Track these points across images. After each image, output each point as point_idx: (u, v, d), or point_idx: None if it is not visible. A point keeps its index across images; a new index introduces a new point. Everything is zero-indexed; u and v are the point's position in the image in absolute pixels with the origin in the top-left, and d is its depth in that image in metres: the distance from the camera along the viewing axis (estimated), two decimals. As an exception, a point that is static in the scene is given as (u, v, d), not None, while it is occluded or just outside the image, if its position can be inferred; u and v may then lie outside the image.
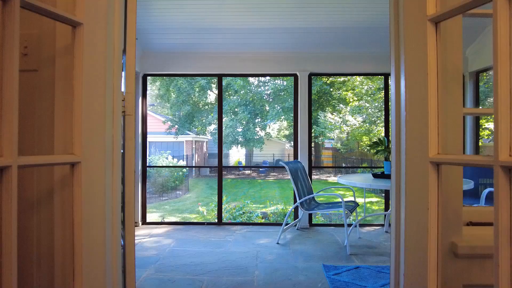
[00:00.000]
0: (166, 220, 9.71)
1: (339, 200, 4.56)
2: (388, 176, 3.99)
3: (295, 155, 5.03)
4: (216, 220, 5.10)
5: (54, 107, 1.15)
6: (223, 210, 7.09)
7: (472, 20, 4.38)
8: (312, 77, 5.02)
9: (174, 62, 4.97)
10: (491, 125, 6.34)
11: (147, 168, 5.40)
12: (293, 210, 4.63)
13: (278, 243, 4.13)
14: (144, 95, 5.03)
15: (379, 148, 4.35)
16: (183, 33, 4.51)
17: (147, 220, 5.13)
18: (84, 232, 1.07)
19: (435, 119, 1.02)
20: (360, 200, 4.65)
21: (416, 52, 1.07)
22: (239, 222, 5.37)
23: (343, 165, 22.00)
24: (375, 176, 4.11)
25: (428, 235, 1.01)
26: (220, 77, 5.02)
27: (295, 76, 5.00)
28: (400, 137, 1.26)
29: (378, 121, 15.32)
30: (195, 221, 9.31)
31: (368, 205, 11.25)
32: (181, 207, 12.25)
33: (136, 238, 4.31)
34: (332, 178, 18.85)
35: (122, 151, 1.40)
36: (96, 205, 1.11)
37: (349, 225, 4.22)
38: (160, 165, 15.88)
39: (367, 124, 16.01)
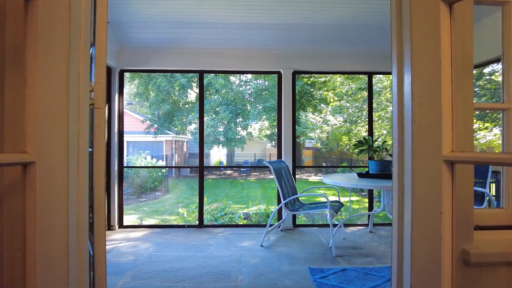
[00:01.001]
0: (144, 222, 9.40)
1: (323, 200, 4.48)
2: (373, 176, 3.93)
3: (279, 155, 4.92)
4: (197, 223, 4.91)
5: (4, 95, 0.96)
6: (204, 211, 6.91)
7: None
8: (296, 75, 4.92)
9: (153, 58, 4.75)
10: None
11: (124, 168, 5.14)
12: (276, 210, 4.51)
13: (261, 245, 4.00)
14: (121, 92, 4.78)
15: (363, 148, 4.29)
16: (163, 27, 4.30)
17: (124, 223, 4.88)
18: (39, 246, 0.89)
19: (449, 113, 0.90)
20: (342, 199, 4.60)
21: (426, 37, 0.95)
22: (221, 224, 5.21)
23: (324, 164, 22.17)
24: (360, 175, 4.04)
25: (442, 242, 0.90)
26: (201, 73, 4.84)
27: (279, 74, 4.88)
28: (403, 134, 1.15)
29: (359, 120, 15.47)
30: (175, 223, 9.06)
31: (347, 203, 11.32)
32: (160, 208, 11.94)
33: (112, 242, 4.08)
34: (313, 178, 18.93)
35: (90, 149, 1.22)
36: (55, 213, 0.93)
37: (334, 225, 4.15)
38: (139, 165, 15.45)
39: (347, 124, 16.14)
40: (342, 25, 4.29)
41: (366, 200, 12.65)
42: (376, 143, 4.30)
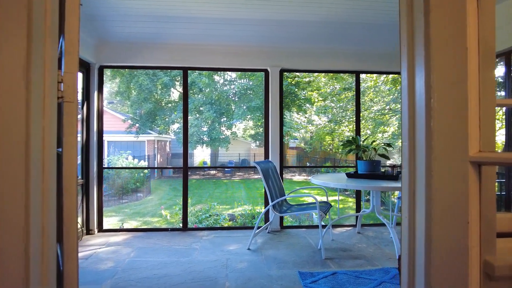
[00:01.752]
0: (126, 225, 9.11)
1: (311, 200, 4.39)
2: (362, 176, 3.85)
3: (266, 155, 4.79)
4: (181, 225, 4.73)
5: None
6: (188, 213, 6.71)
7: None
8: (283, 73, 4.81)
9: (135, 54, 4.54)
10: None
11: (105, 169, 4.91)
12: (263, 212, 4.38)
13: (249, 248, 3.86)
14: (100, 89, 4.55)
15: (351, 147, 4.22)
16: (145, 21, 4.10)
17: (104, 227, 4.64)
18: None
19: (476, 109, 0.79)
20: (327, 199, 4.53)
21: (449, 21, 0.84)
22: (205, 227, 5.04)
23: (308, 164, 22.22)
24: (349, 176, 3.96)
25: (468, 255, 0.79)
26: (185, 70, 4.66)
27: (266, 71, 4.76)
28: (414, 132, 1.04)
29: (343, 120, 15.54)
30: (158, 226, 8.81)
31: (333, 203, 11.31)
32: (142, 210, 11.62)
33: (91, 248, 3.85)
34: (297, 177, 18.93)
35: (59, 149, 1.05)
36: (8, 227, 0.77)
37: (323, 226, 4.04)
38: (120, 166, 15.03)
39: (332, 124, 16.20)
40: (332, 23, 4.20)
41: (350, 199, 12.70)
42: (364, 142, 4.23)
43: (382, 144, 4.05)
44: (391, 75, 14.00)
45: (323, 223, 4.30)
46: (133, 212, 11.41)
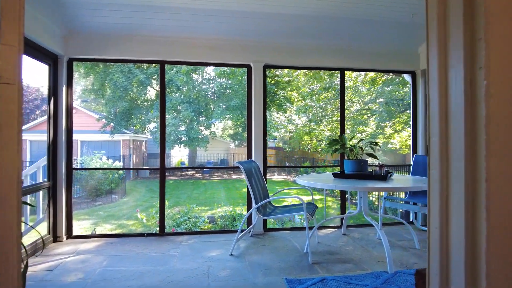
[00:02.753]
0: (99, 229, 8.65)
1: (297, 202, 4.22)
2: (349, 176, 3.70)
3: (249, 154, 4.58)
4: (158, 230, 4.43)
5: None
6: (165, 217, 6.40)
7: (423, 17, 4.31)
8: (266, 69, 4.61)
9: (108, 46, 4.21)
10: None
11: (78, 170, 4.54)
12: (247, 215, 4.17)
13: (231, 254, 3.63)
14: (69, 84, 4.19)
15: (337, 146, 4.08)
16: (120, 10, 3.79)
17: (74, 233, 4.28)
18: None
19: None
20: (307, 199, 4.35)
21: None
22: (184, 232, 4.76)
23: (287, 163, 22.19)
24: (336, 175, 3.81)
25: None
26: (162, 64, 4.37)
27: (248, 67, 4.54)
28: (446, 125, 0.85)
29: (323, 120, 15.55)
30: (133, 230, 8.41)
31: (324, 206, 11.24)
32: (117, 212, 11.14)
33: (57, 257, 3.50)
34: (277, 177, 18.82)
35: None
36: None
37: (310, 228, 3.85)
38: (93, 166, 14.40)
39: (312, 124, 16.19)
40: (321, 17, 4.06)
41: (329, 198, 12.67)
42: (351, 141, 4.10)
43: (369, 142, 3.92)
44: (370, 74, 14.14)
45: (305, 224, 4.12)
46: (108, 215, 10.91)
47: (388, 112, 12.99)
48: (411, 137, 5.21)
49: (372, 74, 14.21)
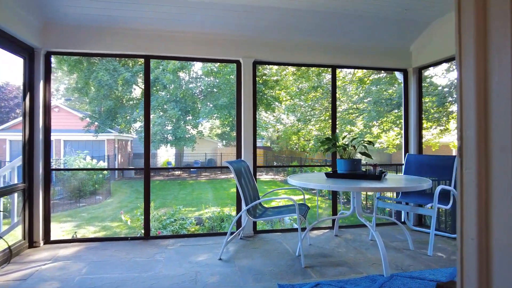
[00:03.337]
0: (82, 231, 8.34)
1: (289, 203, 4.07)
2: (342, 176, 3.57)
3: (238, 154, 4.41)
4: (143, 233, 4.22)
5: None
6: (151, 218, 6.17)
7: (415, 13, 4.24)
8: (256, 66, 4.45)
9: (89, 39, 3.97)
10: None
11: (54, 171, 4.28)
12: (236, 218, 4.00)
13: (220, 258, 3.46)
14: (47, 79, 3.94)
15: (329, 145, 3.95)
16: (102, 0, 3.57)
17: (53, 238, 4.02)
18: None
19: None
20: (297, 198, 4.22)
21: None
22: (171, 235, 4.56)
23: (274, 163, 22.08)
24: (328, 175, 3.67)
25: None
26: (147, 59, 4.16)
27: (238, 63, 4.37)
28: (486, 118, 0.71)
29: (312, 119, 15.48)
30: (118, 232, 8.13)
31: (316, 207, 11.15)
32: (101, 214, 10.81)
33: (33, 265, 3.23)
34: (265, 177, 18.70)
35: None
36: None
37: (297, 229, 3.68)
38: (76, 167, 13.96)
39: (301, 123, 16.11)
40: (315, 12, 3.93)
41: (316, 198, 12.59)
42: (344, 140, 3.98)
43: (362, 141, 3.81)
44: (358, 74, 14.14)
45: (296, 226, 3.98)
46: (91, 216, 10.58)
47: (376, 111, 13.02)
48: (402, 136, 5.13)
49: (359, 74, 14.24)
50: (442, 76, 12.19)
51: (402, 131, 5.13)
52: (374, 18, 4.17)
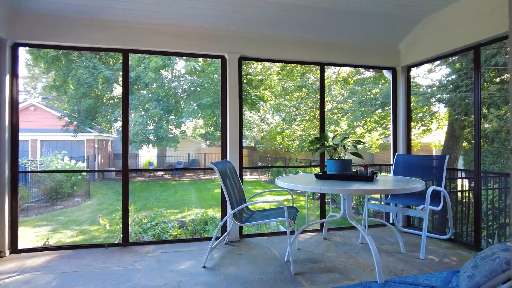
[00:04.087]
0: (58, 237, 7.92)
1: (277, 206, 3.90)
2: (332, 177, 3.41)
3: (223, 154, 4.20)
4: (121, 239, 3.95)
5: None
6: (131, 222, 5.88)
7: (406, 10, 4.12)
8: (242, 61, 4.25)
9: (63, 30, 3.67)
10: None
11: (22, 173, 3.95)
12: (222, 223, 3.78)
13: (204, 266, 3.24)
14: (14, 73, 3.61)
15: (318, 145, 3.78)
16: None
17: (20, 246, 3.69)
18: None
19: None
20: (282, 199, 4.04)
21: None
22: (151, 241, 4.29)
23: (259, 163, 21.89)
24: (318, 177, 3.49)
25: None
26: (126, 53, 3.89)
27: (223, 58, 4.16)
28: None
29: (297, 119, 15.38)
30: (96, 238, 7.76)
31: (306, 210, 10.99)
32: (79, 217, 10.36)
33: (-4, 277, 2.95)
34: (249, 177, 18.49)
35: None
36: None
37: (285, 232, 3.48)
38: (54, 167, 13.38)
39: (286, 123, 15.99)
40: (305, 7, 3.74)
41: (302, 198, 12.48)
42: (334, 139, 3.83)
43: (353, 141, 3.66)
44: (342, 74, 14.13)
45: (283, 229, 3.81)
46: (69, 220, 10.12)
47: (361, 111, 13.02)
48: (391, 136, 5.04)
49: (344, 74, 14.23)
50: (424, 77, 12.31)
51: (391, 131, 5.03)
52: (364, 14, 4.03)
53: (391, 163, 4.93)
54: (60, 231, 8.72)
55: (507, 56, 6.79)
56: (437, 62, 9.99)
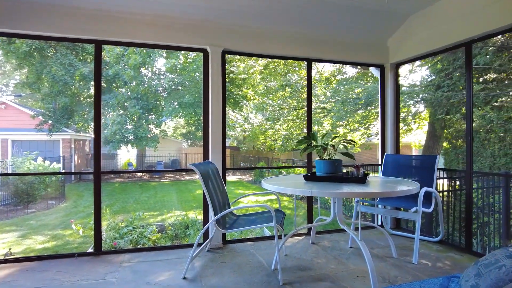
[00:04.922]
0: (27, 243, 7.41)
1: (262, 210, 3.65)
2: (322, 178, 3.20)
3: (205, 155, 3.92)
4: (93, 248, 3.61)
5: None
6: (106, 227, 5.51)
7: (395, 4, 3.96)
8: (225, 56, 3.98)
9: (26, 17, 3.30)
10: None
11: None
12: (203, 230, 3.51)
13: (185, 277, 2.96)
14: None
15: (306, 144, 3.57)
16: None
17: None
18: None
19: None
20: (267, 199, 3.84)
21: None
22: (126, 249, 3.97)
23: (241, 163, 21.63)
24: (307, 178, 3.28)
25: None
26: (98, 44, 3.55)
27: (205, 52, 3.89)
28: None
29: (280, 118, 15.21)
30: (68, 245, 7.30)
31: (294, 215, 10.77)
32: (53, 221, 9.80)
33: None
34: (231, 177, 18.19)
35: None
36: None
37: (271, 237, 3.27)
38: (26, 168, 12.67)
39: (269, 123, 15.80)
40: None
41: (286, 198, 12.30)
42: (323, 139, 3.63)
43: (343, 140, 3.47)
44: (325, 74, 14.07)
45: (269, 233, 3.57)
46: (41, 224, 9.55)
47: (344, 111, 12.97)
48: (379, 134, 4.89)
49: (326, 74, 14.18)
50: (405, 78, 12.37)
51: (379, 130, 4.89)
52: (354, 8, 3.84)
53: (379, 163, 4.79)
54: (30, 236, 8.18)
55: (487, 56, 6.80)
56: (418, 63, 10.02)
